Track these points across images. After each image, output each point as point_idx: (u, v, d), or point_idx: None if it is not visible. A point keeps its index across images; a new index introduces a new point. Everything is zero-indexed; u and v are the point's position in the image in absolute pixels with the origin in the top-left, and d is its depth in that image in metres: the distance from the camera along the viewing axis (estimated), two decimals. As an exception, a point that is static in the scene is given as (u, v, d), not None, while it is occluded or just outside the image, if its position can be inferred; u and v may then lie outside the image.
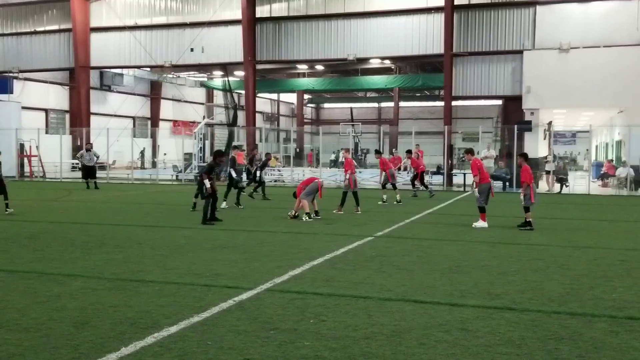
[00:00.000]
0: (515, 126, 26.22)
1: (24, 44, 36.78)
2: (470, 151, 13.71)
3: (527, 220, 12.56)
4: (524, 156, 13.11)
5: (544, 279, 7.59)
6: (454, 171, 29.43)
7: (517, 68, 27.82)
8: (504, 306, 6.19)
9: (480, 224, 12.82)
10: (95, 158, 24.83)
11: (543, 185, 25.87)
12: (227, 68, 37.94)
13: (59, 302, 6.29)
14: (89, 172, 24.43)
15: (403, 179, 24.95)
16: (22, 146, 32.37)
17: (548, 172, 25.87)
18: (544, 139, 28.69)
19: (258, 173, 19.61)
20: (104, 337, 5.12)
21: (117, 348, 4.83)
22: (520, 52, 27.61)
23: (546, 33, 27.29)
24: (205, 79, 51.82)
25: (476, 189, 13.05)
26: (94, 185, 24.09)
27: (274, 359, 4.64)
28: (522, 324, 5.58)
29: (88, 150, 24.76)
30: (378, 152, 20.19)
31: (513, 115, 28.29)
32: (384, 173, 18.83)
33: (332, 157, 45.72)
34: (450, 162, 28.53)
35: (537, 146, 27.20)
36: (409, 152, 22.86)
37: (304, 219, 13.58)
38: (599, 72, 26.00)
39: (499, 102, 37.64)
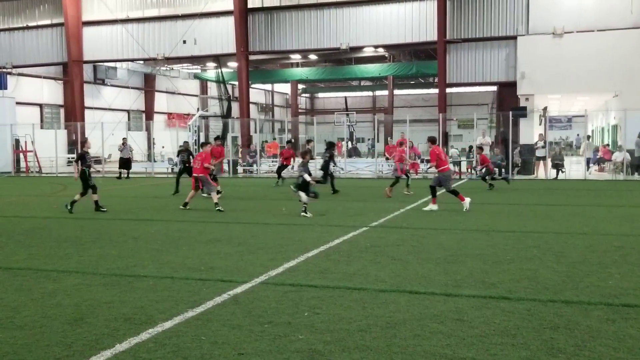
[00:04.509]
0: (510, 112, 26.19)
1: (17, 39, 36.54)
2: (431, 140, 14.32)
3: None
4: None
5: (539, 267, 7.58)
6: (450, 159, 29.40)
7: (511, 54, 27.75)
8: (499, 295, 6.17)
9: (430, 207, 13.50)
10: (130, 152, 27.59)
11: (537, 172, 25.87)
12: (220, 59, 37.75)
13: (53, 299, 6.26)
14: (125, 163, 26.97)
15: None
16: (17, 142, 32.27)
17: (539, 158, 25.85)
18: (540, 124, 28.69)
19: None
20: (98, 333, 5.10)
21: (112, 345, 4.81)
22: (514, 37, 27.53)
23: (540, 18, 27.20)
24: (199, 71, 51.61)
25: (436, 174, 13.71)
26: (126, 175, 26.75)
27: (268, 353, 4.63)
28: (517, 313, 5.57)
29: (124, 144, 27.23)
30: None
31: (508, 101, 28.26)
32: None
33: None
34: (445, 149, 28.48)
35: (532, 132, 27.19)
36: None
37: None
38: (594, 56, 25.96)
39: (494, 88, 37.60)
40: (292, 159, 22.76)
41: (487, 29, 28.27)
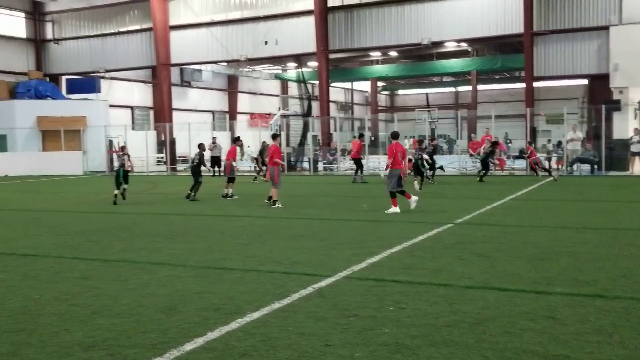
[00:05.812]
0: (603, 106, 24.90)
1: (109, 44, 38.49)
2: (393, 135, 13.40)
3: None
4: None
5: (636, 265, 7.19)
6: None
7: (603, 45, 26.36)
8: (594, 293, 5.91)
9: (392, 210, 12.55)
10: (219, 150, 28.70)
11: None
12: (300, 59, 38.21)
13: (148, 289, 6.56)
14: (215, 162, 28.09)
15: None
16: (110, 142, 34.05)
17: (634, 154, 24.40)
18: (635, 118, 27.13)
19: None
20: (190, 322, 5.30)
21: (204, 333, 4.99)
22: (606, 27, 26.13)
23: (634, 6, 25.68)
24: (280, 71, 52.47)
25: (386, 172, 12.76)
26: (218, 173, 27.59)
27: (354, 345, 4.65)
28: (613, 311, 5.31)
29: (214, 143, 28.63)
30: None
31: (600, 94, 26.90)
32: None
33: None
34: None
35: (627, 126, 25.73)
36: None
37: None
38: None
39: (585, 81, 35.89)
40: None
41: (576, 19, 26.99)
